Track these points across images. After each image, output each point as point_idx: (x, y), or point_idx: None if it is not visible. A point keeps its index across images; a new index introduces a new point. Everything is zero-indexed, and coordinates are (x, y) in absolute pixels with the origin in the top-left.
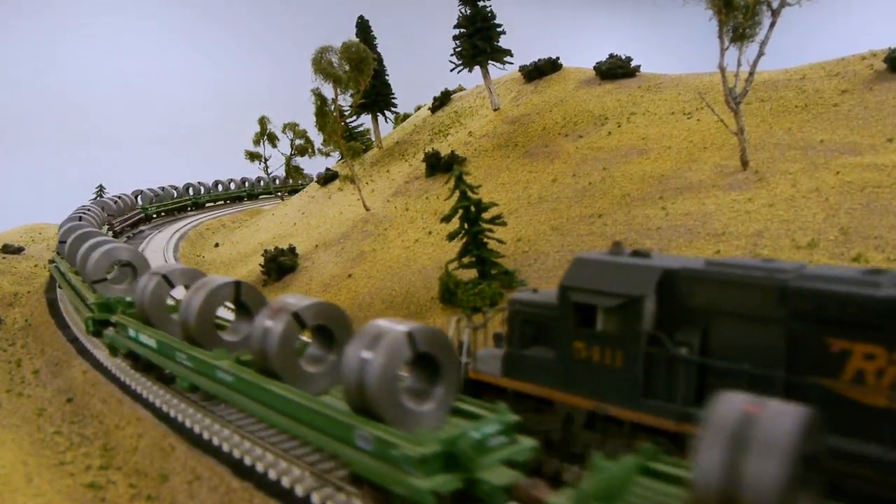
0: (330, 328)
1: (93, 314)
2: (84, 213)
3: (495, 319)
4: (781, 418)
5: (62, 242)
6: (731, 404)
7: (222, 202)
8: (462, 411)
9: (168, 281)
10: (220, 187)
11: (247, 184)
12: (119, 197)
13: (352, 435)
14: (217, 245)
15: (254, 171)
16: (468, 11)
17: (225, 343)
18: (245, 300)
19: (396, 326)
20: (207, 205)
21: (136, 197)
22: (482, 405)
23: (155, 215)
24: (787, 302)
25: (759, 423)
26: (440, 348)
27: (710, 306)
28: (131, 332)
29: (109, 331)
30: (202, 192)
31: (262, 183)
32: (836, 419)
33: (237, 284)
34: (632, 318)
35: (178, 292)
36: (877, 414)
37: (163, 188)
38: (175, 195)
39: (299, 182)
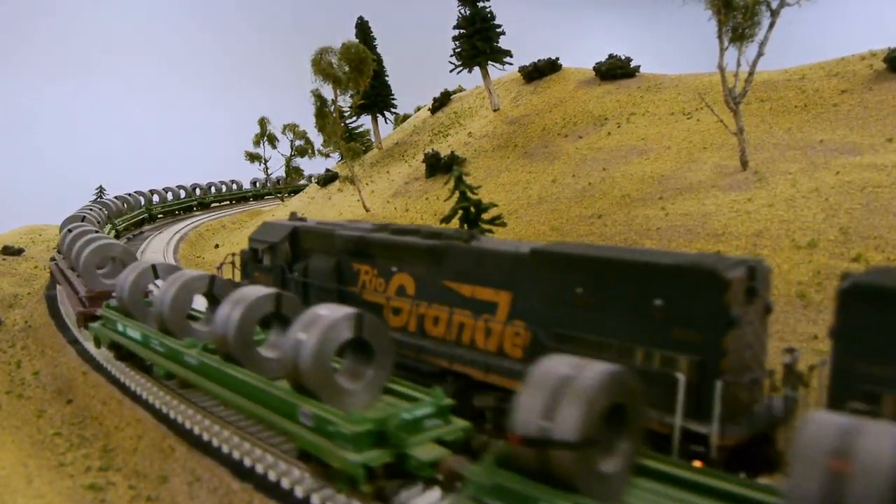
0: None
1: None
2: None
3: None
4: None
5: None
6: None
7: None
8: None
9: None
10: (110, 206)
11: (143, 200)
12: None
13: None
14: (217, 246)
15: (254, 171)
16: (467, 12)
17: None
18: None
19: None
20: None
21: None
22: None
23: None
24: (335, 243)
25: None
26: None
27: (310, 248)
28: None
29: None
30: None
31: (152, 202)
32: None
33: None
34: (275, 256)
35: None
36: (369, 306)
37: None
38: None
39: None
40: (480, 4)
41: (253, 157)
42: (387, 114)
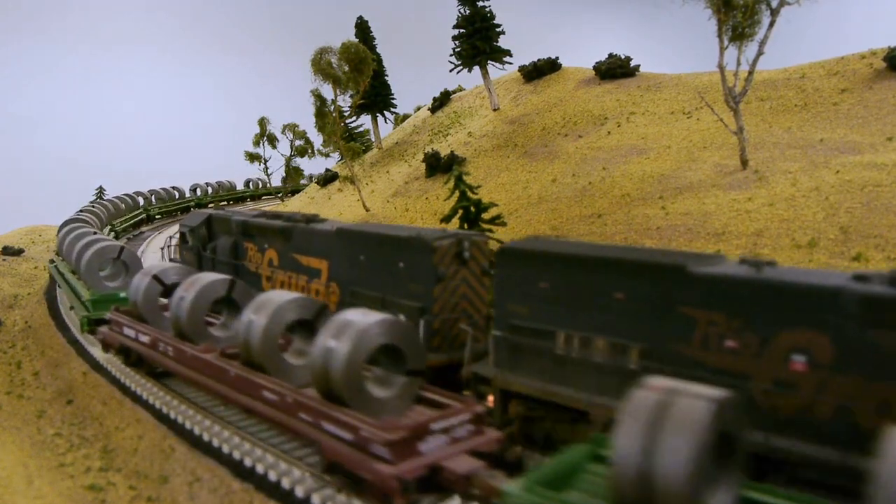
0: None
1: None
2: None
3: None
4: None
5: None
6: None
7: None
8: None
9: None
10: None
11: (105, 213)
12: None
13: None
14: None
15: (254, 171)
16: (467, 12)
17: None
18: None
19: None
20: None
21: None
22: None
23: None
24: (232, 226)
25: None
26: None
27: (218, 231)
28: None
29: None
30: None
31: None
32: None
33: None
34: (195, 238)
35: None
36: (253, 275)
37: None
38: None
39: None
40: (480, 4)
41: (253, 157)
42: (387, 114)
